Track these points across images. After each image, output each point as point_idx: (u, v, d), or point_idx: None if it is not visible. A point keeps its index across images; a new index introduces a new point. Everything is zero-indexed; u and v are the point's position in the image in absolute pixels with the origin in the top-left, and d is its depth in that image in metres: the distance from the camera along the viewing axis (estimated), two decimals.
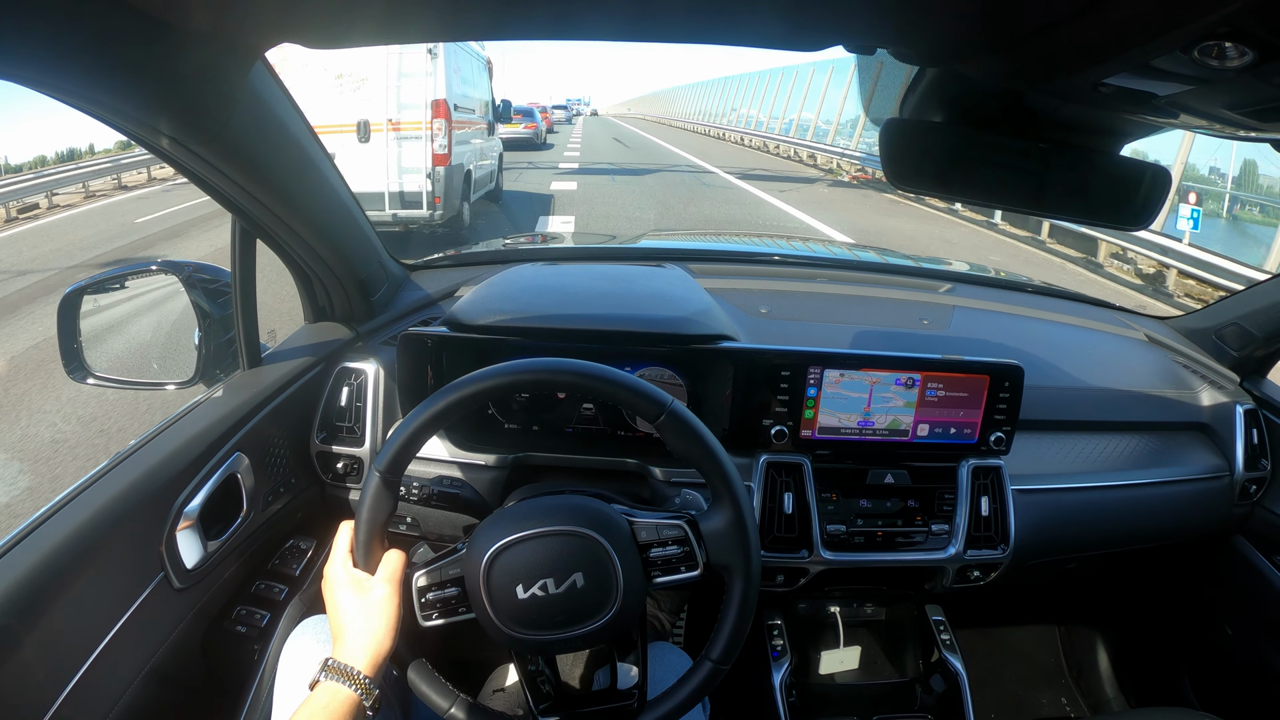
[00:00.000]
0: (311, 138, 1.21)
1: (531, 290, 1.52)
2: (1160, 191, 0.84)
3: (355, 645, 0.90)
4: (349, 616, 0.92)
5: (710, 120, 38.90)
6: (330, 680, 0.87)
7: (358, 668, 0.88)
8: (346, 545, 0.98)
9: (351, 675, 0.88)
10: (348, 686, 0.87)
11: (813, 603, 1.82)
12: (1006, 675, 2.28)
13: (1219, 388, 1.74)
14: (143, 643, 1.08)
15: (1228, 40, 0.48)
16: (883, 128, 0.82)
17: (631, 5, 0.77)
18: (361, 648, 0.90)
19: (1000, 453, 1.46)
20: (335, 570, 0.96)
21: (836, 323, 1.77)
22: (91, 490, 1.05)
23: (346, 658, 0.89)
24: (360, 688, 0.87)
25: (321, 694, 0.87)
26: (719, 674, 0.98)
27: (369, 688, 0.88)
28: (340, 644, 0.91)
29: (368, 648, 0.90)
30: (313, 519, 1.50)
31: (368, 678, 0.88)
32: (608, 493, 1.06)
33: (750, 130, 28.46)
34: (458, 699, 0.97)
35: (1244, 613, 1.78)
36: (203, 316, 1.35)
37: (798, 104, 23.69)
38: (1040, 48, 0.63)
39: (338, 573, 0.96)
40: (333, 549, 0.99)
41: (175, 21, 0.75)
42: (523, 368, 0.96)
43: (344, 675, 0.88)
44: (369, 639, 0.90)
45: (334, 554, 0.98)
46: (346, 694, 0.87)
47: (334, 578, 0.96)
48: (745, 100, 32.41)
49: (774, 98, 26.83)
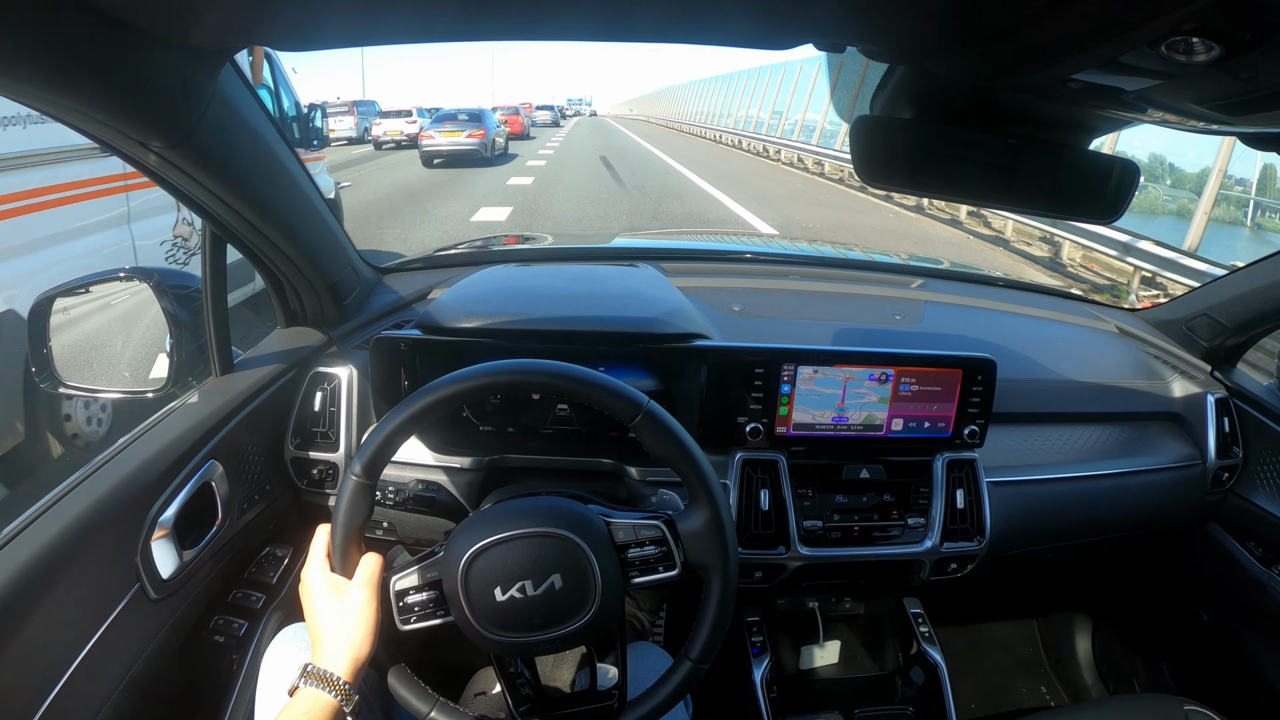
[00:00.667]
0: (281, 141, 1.20)
1: (504, 292, 1.52)
2: (1129, 185, 0.85)
3: (334, 650, 0.90)
4: (327, 621, 0.92)
5: (738, 125, 29.48)
6: (310, 686, 0.87)
7: (337, 673, 0.88)
8: (323, 549, 0.97)
9: (331, 681, 0.87)
10: (327, 692, 0.87)
11: (791, 599, 1.83)
12: (986, 666, 2.30)
13: (1190, 378, 1.76)
14: (120, 655, 1.06)
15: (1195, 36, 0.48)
16: (853, 125, 0.82)
17: (602, 5, 0.76)
18: (340, 653, 0.89)
19: (974, 446, 1.47)
20: (312, 575, 0.95)
21: (810, 319, 1.78)
22: (64, 501, 1.04)
23: (325, 663, 0.89)
24: (340, 693, 0.87)
25: (301, 700, 0.86)
26: (698, 673, 0.98)
27: (349, 693, 0.88)
28: (319, 649, 0.91)
29: (347, 653, 0.89)
30: (289, 526, 1.49)
31: (347, 683, 0.88)
32: (585, 494, 1.06)
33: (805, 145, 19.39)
34: (438, 703, 0.97)
35: (1219, 598, 1.81)
36: (174, 323, 1.34)
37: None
38: (1009, 44, 0.63)
39: (315, 577, 0.95)
40: (310, 553, 0.98)
41: (141, 23, 0.74)
42: (499, 369, 0.96)
43: (323, 681, 0.87)
44: (347, 644, 0.90)
45: (311, 558, 0.97)
46: (326, 700, 0.86)
47: (311, 582, 0.95)
48: (780, 97, 24.77)
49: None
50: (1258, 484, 1.69)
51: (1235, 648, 1.74)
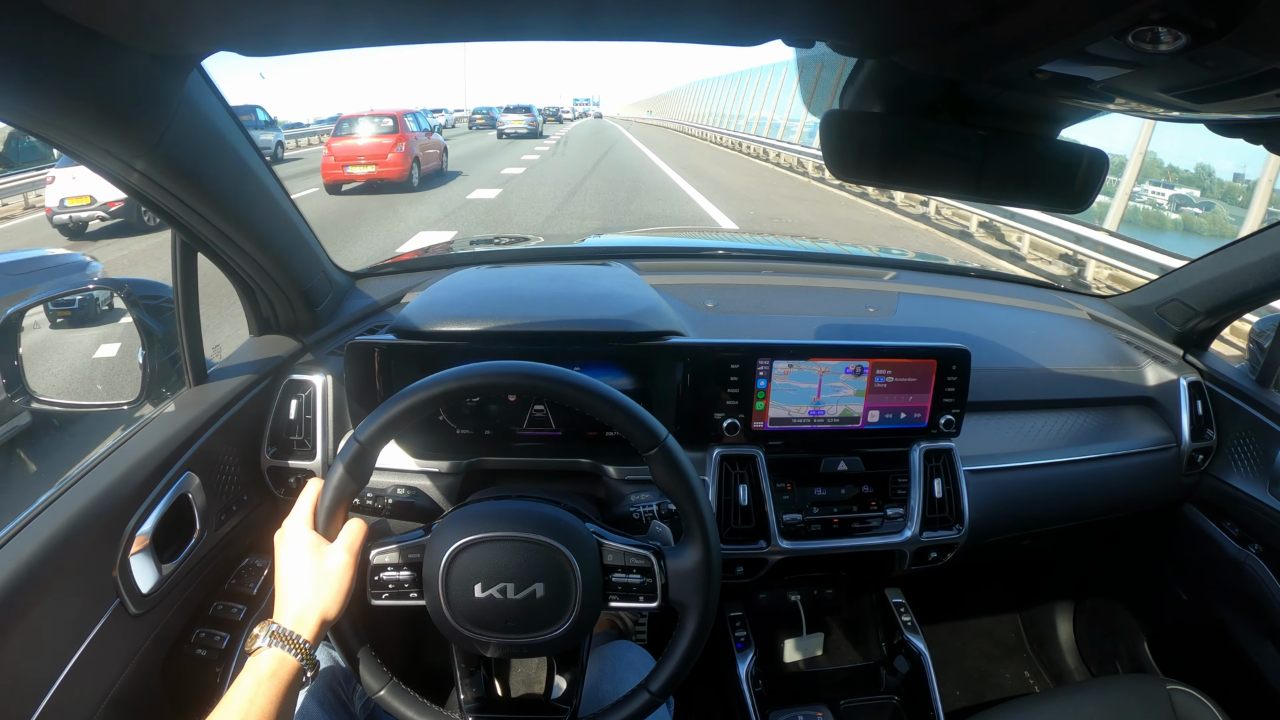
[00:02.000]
0: (250, 147, 1.18)
1: (478, 294, 1.51)
2: (1098, 174, 0.86)
3: (302, 609, 0.88)
4: (299, 579, 0.90)
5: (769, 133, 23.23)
6: (275, 647, 0.85)
7: (302, 635, 0.86)
8: (310, 505, 0.95)
9: (295, 642, 0.86)
10: (291, 654, 0.85)
11: (773, 592, 1.84)
12: (969, 652, 2.32)
13: (1163, 362, 1.78)
14: (102, 673, 1.05)
15: (1161, 25, 0.49)
16: (822, 120, 0.83)
17: (569, 5, 0.76)
18: (309, 613, 0.88)
19: (951, 435, 1.48)
20: (295, 528, 0.93)
21: (783, 314, 1.79)
22: (40, 518, 1.02)
23: (290, 622, 0.87)
24: (303, 654, 0.86)
25: (266, 661, 0.84)
26: (654, 706, 0.98)
27: (310, 656, 0.87)
28: (284, 605, 0.89)
29: (315, 614, 0.88)
30: (267, 536, 1.46)
31: (309, 644, 0.87)
32: (582, 507, 1.05)
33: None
34: (390, 682, 0.96)
35: (1197, 578, 1.84)
36: (146, 334, 1.32)
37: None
38: (976, 37, 0.63)
39: (297, 531, 0.93)
40: (295, 505, 0.96)
41: (107, 30, 0.73)
42: (526, 370, 0.95)
43: (288, 642, 0.86)
44: (317, 605, 0.88)
45: (295, 511, 0.95)
46: (291, 662, 0.85)
47: (291, 536, 0.93)
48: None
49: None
50: (1232, 465, 1.71)
51: (1214, 627, 1.76)
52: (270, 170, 1.27)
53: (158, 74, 0.88)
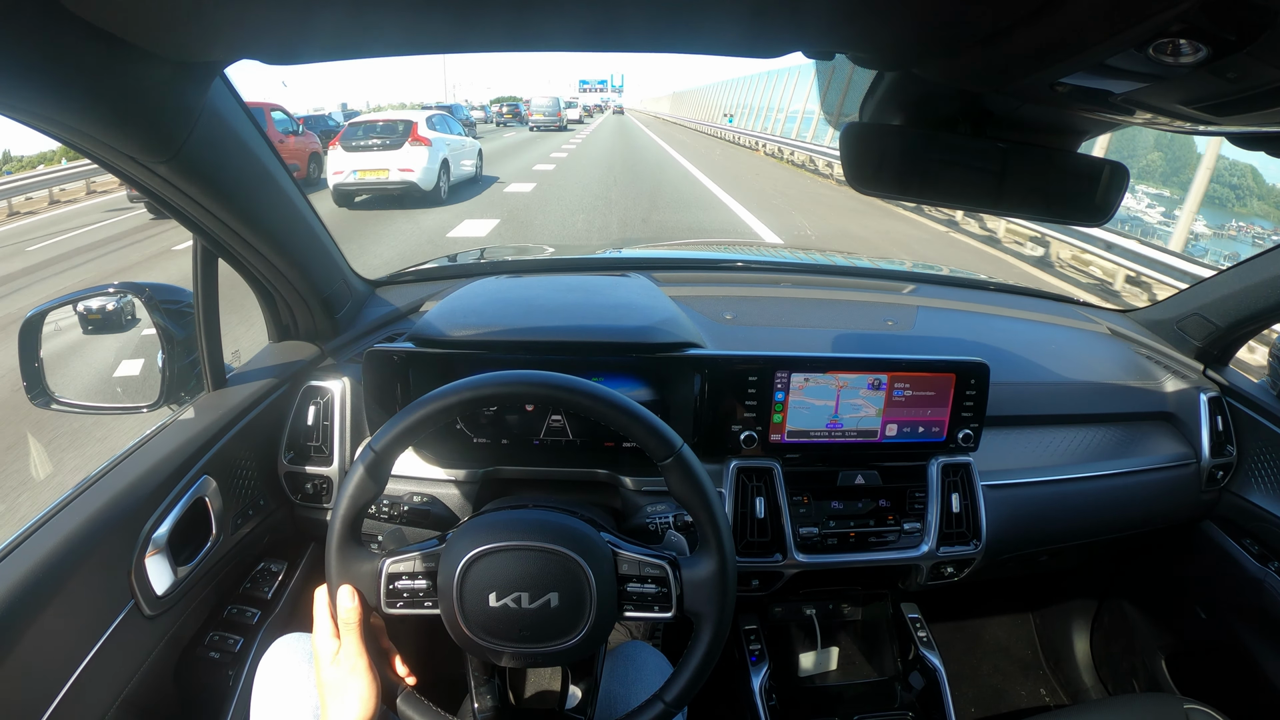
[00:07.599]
0: (272, 154, 1.19)
1: (496, 303, 1.51)
2: (1119, 187, 0.86)
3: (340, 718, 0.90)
4: (329, 691, 0.92)
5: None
6: None
7: None
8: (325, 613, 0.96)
9: None
10: None
11: (789, 606, 1.83)
12: (984, 669, 2.30)
13: (1182, 377, 1.77)
14: (115, 673, 1.06)
15: (1181, 37, 0.48)
16: (843, 132, 0.83)
17: (592, 15, 0.76)
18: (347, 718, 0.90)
19: (969, 450, 1.47)
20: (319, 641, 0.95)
21: (802, 327, 1.78)
22: (58, 519, 1.03)
23: None
24: None
25: None
26: (668, 716, 0.98)
27: None
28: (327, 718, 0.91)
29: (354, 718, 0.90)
30: (283, 541, 1.48)
31: None
32: (598, 517, 1.05)
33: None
34: (403, 690, 0.97)
35: (1216, 596, 1.81)
36: (165, 338, 1.33)
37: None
38: (996, 50, 0.63)
39: (318, 646, 0.95)
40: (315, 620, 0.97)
41: (133, 38, 0.74)
42: (543, 380, 0.95)
43: None
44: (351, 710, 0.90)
45: (315, 626, 0.97)
46: None
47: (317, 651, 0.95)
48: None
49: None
50: (1253, 482, 1.69)
51: (1234, 646, 1.74)
52: (291, 177, 1.28)
53: (181, 81, 0.89)
